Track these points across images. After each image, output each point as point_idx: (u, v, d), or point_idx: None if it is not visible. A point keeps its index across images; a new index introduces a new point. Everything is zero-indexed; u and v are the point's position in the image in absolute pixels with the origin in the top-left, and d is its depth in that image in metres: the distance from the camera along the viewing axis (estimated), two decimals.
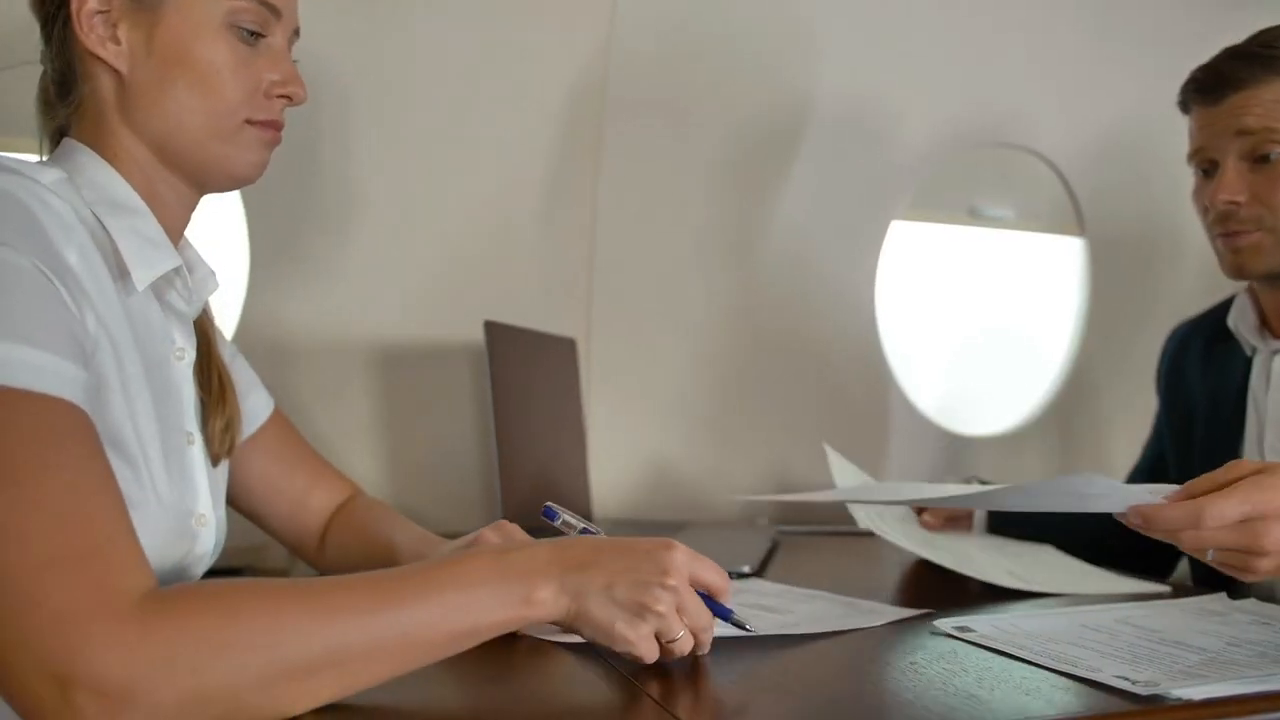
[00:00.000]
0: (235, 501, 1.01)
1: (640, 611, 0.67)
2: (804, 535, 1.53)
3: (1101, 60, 1.85)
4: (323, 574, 1.08)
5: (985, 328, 2.03)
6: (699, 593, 0.71)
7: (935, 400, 1.88)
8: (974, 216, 1.93)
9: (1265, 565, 0.78)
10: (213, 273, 0.90)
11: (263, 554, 1.29)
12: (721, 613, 0.74)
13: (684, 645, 0.69)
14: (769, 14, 1.64)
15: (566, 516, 0.83)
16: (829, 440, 1.74)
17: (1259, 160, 1.12)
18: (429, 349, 1.50)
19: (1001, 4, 1.77)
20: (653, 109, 1.61)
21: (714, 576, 0.73)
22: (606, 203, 1.60)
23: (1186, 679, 0.67)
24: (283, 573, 1.19)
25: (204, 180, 0.86)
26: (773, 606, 0.94)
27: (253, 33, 0.84)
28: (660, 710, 0.64)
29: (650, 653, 0.68)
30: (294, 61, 0.89)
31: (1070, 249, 1.97)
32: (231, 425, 0.91)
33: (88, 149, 0.81)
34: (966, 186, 1.91)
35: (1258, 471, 0.78)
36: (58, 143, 0.84)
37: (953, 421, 1.88)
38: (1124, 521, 0.82)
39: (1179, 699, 0.64)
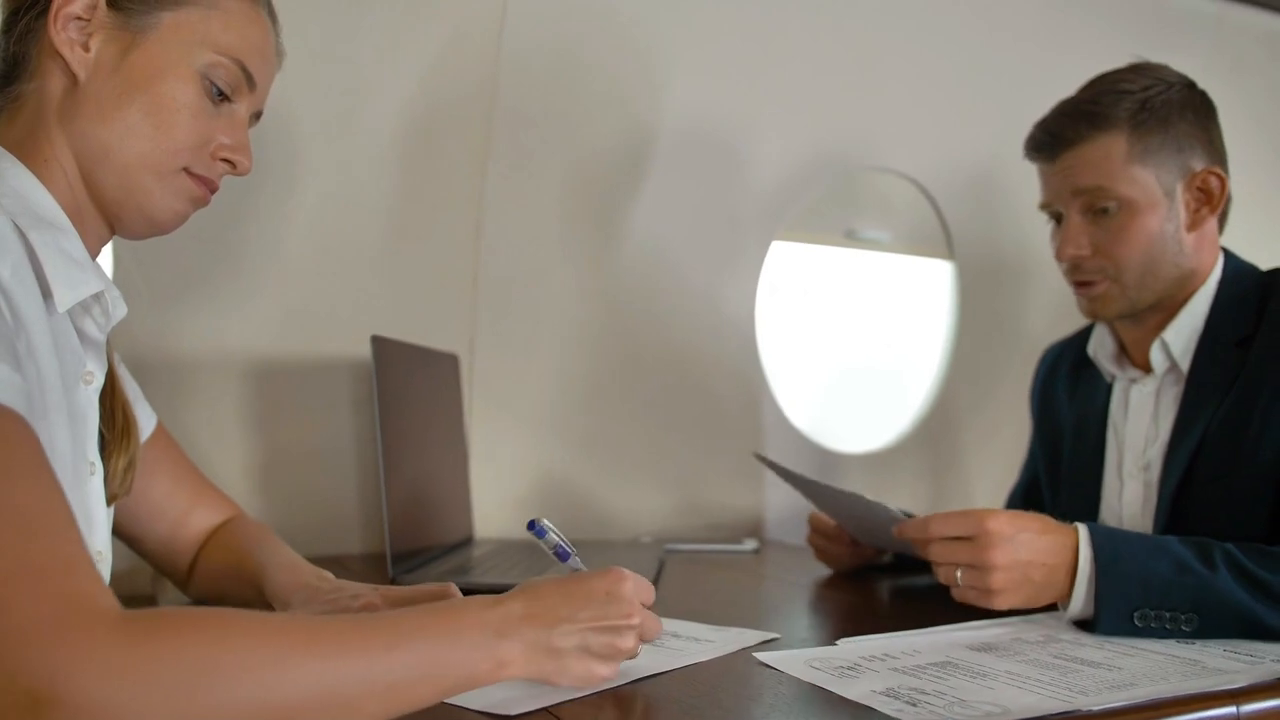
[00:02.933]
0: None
1: (613, 656, 0.72)
2: (690, 553, 1.53)
3: (973, 90, 1.92)
4: (193, 600, 1.03)
5: (861, 347, 2.08)
6: None
7: (809, 417, 1.92)
8: (851, 238, 1.98)
9: (997, 580, 0.95)
10: (119, 296, 0.85)
11: (123, 582, 1.21)
12: None
13: (634, 660, 0.76)
14: (653, 33, 1.64)
15: (552, 535, 0.83)
16: (708, 456, 1.77)
17: (1099, 213, 1.18)
18: (307, 363, 1.45)
19: (881, 35, 1.82)
20: (539, 123, 1.59)
21: (649, 594, 0.77)
22: (491, 217, 1.58)
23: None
24: (150, 601, 1.13)
25: (119, 214, 0.83)
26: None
27: (222, 93, 0.84)
28: None
29: (613, 674, 0.73)
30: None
31: (942, 272, 2.03)
32: (133, 465, 0.86)
33: (10, 156, 0.78)
34: (845, 209, 1.96)
35: (972, 509, 0.99)
36: None
37: (826, 439, 1.92)
38: (895, 535, 1.06)
39: None
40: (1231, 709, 0.72)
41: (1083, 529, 0.96)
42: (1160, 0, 2.03)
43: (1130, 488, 1.23)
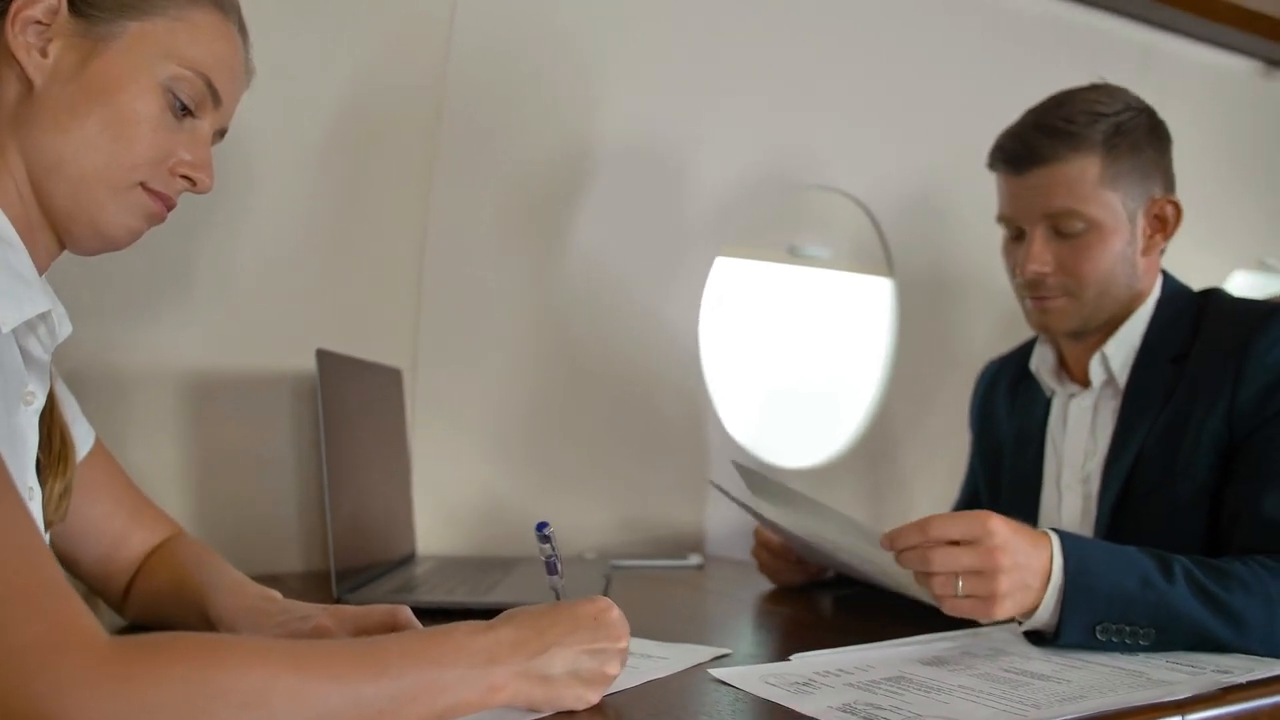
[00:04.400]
0: None
1: (602, 680, 0.72)
2: (634, 569, 1.52)
3: (913, 111, 1.95)
4: (130, 623, 1.00)
5: (803, 363, 2.10)
6: None
7: (752, 433, 1.93)
8: (793, 255, 2.00)
9: (1002, 586, 0.87)
10: (65, 314, 0.82)
11: None
12: None
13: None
14: (601, 47, 1.65)
15: (551, 545, 0.82)
16: (651, 472, 1.77)
17: (1064, 232, 1.18)
18: (247, 377, 1.41)
19: (822, 55, 1.85)
20: (485, 137, 1.58)
21: (626, 622, 0.77)
22: (435, 231, 1.56)
23: None
24: None
25: (70, 228, 0.80)
26: None
27: (185, 108, 0.81)
28: None
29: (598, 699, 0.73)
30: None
31: (882, 290, 2.06)
32: (69, 492, 0.83)
33: None
34: (787, 226, 1.97)
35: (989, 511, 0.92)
36: None
37: (769, 455, 1.92)
38: (883, 546, 0.94)
39: None
40: (1177, 718, 0.74)
41: (1054, 537, 0.93)
42: (1091, 27, 2.10)
43: (1069, 500, 1.26)
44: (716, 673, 0.84)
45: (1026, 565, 0.89)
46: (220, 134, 0.89)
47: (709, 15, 1.73)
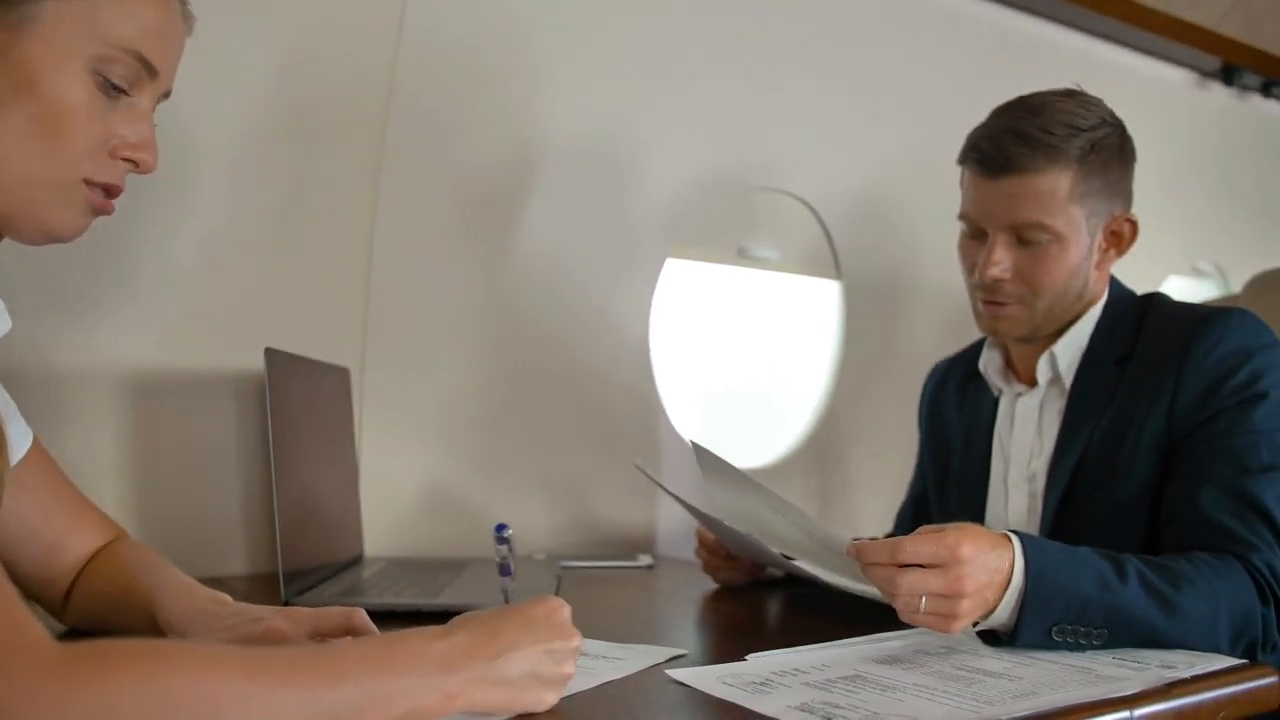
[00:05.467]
0: None
1: (559, 682, 0.71)
2: (585, 570, 1.52)
3: (862, 116, 1.97)
4: (70, 629, 0.97)
5: (752, 364, 2.11)
6: None
7: (703, 433, 1.93)
8: (742, 256, 2.01)
9: (965, 607, 0.88)
10: (4, 309, 0.79)
11: None
12: None
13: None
14: (552, 46, 1.64)
15: (507, 547, 0.83)
16: (601, 472, 1.76)
17: (1026, 240, 1.19)
18: (189, 376, 1.38)
19: (773, 59, 1.86)
20: (434, 133, 1.56)
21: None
22: (384, 228, 1.54)
23: None
24: None
25: (14, 226, 0.76)
26: None
27: (117, 87, 0.76)
28: None
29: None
30: (154, 125, 0.80)
31: (829, 292, 2.08)
32: (1, 488, 0.80)
33: None
34: (737, 227, 1.98)
35: (944, 528, 0.91)
36: None
37: (716, 453, 1.92)
38: (850, 555, 0.94)
39: None
40: (1126, 713, 0.75)
41: (1016, 541, 0.93)
42: (1035, 36, 2.14)
43: (1015, 498, 1.28)
44: (674, 673, 0.84)
45: (989, 582, 0.90)
46: (164, 95, 0.83)
47: (661, 15, 1.74)
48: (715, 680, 0.82)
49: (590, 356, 1.77)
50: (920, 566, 0.89)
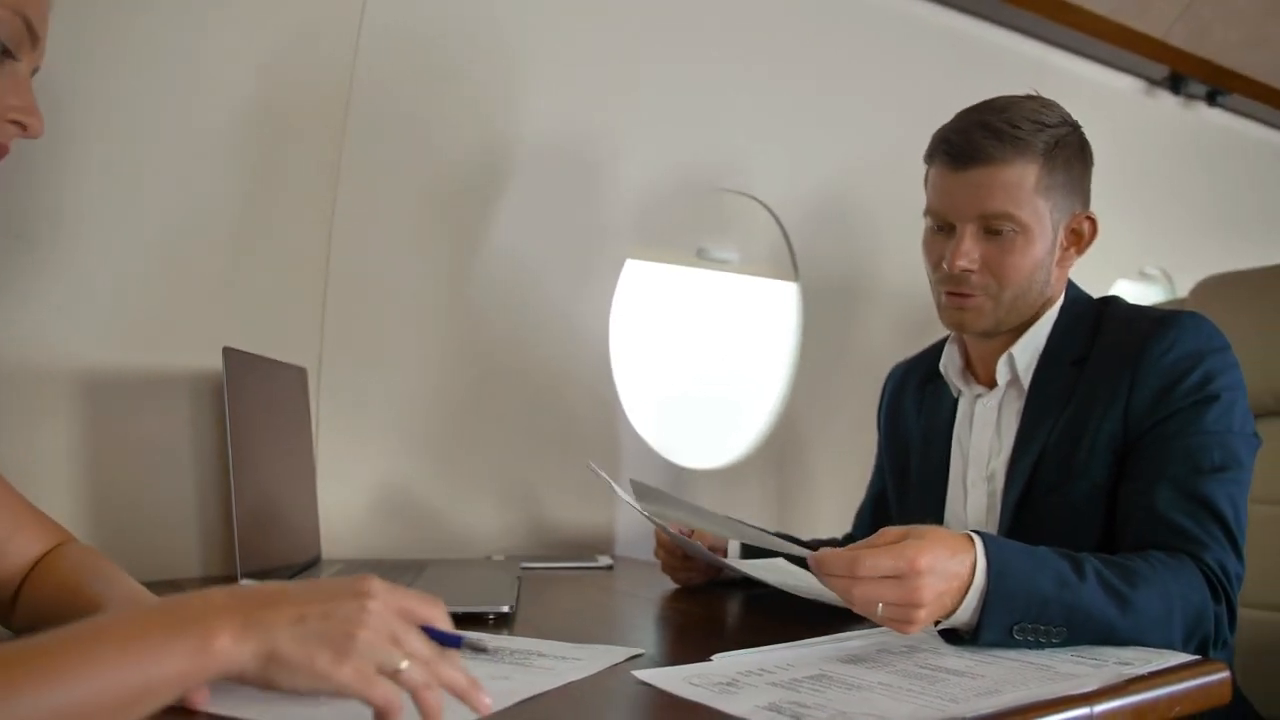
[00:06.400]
0: None
1: (345, 644, 0.58)
2: (545, 571, 1.51)
3: (820, 120, 1.99)
4: (16, 636, 0.94)
5: (711, 365, 2.12)
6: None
7: (662, 434, 1.93)
8: (702, 258, 2.01)
9: (921, 615, 0.90)
10: None
11: None
12: (450, 640, 0.66)
13: (415, 676, 0.61)
14: (513, 45, 1.63)
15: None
16: (560, 473, 1.75)
17: (994, 232, 1.21)
18: (141, 375, 1.35)
19: (734, 62, 1.87)
20: (394, 131, 1.55)
21: (426, 607, 0.65)
22: (342, 226, 1.52)
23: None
24: None
25: None
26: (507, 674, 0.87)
27: (6, 50, 0.75)
28: None
29: (383, 695, 0.59)
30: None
31: (788, 293, 2.09)
32: None
33: None
34: (696, 229, 1.99)
35: (904, 535, 0.92)
36: None
37: (675, 454, 1.93)
38: (811, 567, 0.93)
39: None
40: (1085, 710, 0.77)
41: (978, 541, 0.94)
42: (989, 42, 2.17)
43: (974, 497, 1.29)
44: (640, 674, 0.84)
45: (947, 589, 0.91)
46: (36, 69, 0.83)
47: (625, 18, 1.73)
48: (681, 681, 0.82)
49: (550, 357, 1.76)
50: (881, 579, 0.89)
